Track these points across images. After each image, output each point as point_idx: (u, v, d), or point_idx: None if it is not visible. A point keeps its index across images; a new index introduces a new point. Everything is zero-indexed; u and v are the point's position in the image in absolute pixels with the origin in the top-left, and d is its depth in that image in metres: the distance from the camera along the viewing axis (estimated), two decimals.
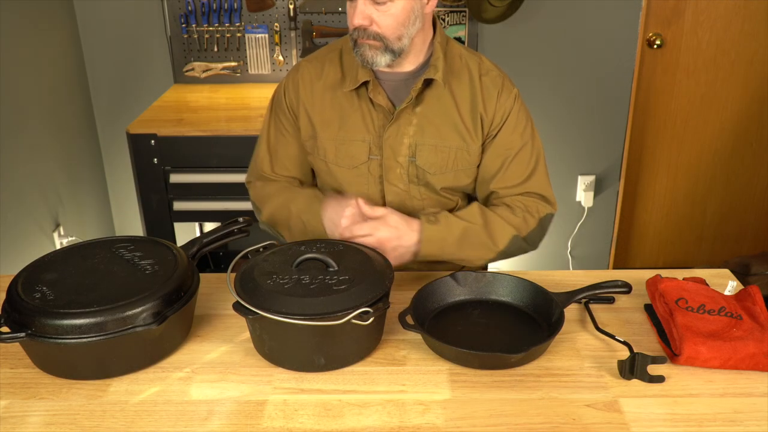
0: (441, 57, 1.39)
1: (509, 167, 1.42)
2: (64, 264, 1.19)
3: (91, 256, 1.21)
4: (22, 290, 1.11)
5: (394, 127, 1.39)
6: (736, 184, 3.03)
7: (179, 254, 1.20)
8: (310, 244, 1.22)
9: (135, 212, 2.81)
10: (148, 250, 1.21)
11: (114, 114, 2.80)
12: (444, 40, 1.43)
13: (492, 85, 1.42)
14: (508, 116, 1.42)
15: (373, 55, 1.33)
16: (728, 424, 0.99)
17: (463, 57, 1.44)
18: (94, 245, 1.25)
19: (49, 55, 2.52)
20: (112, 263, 1.18)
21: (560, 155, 2.87)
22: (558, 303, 1.19)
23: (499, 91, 1.41)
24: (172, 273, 1.14)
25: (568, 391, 1.06)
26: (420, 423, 1.00)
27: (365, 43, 1.33)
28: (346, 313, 1.04)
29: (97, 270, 1.17)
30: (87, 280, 1.14)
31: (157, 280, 1.13)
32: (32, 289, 1.11)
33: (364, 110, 1.41)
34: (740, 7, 2.74)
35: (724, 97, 2.88)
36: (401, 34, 1.33)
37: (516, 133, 1.42)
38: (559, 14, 2.70)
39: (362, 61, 1.35)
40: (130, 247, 1.23)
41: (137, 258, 1.19)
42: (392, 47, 1.33)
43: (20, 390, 1.07)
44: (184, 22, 2.64)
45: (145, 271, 1.16)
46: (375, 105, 1.40)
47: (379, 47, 1.33)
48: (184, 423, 1.00)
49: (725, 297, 1.22)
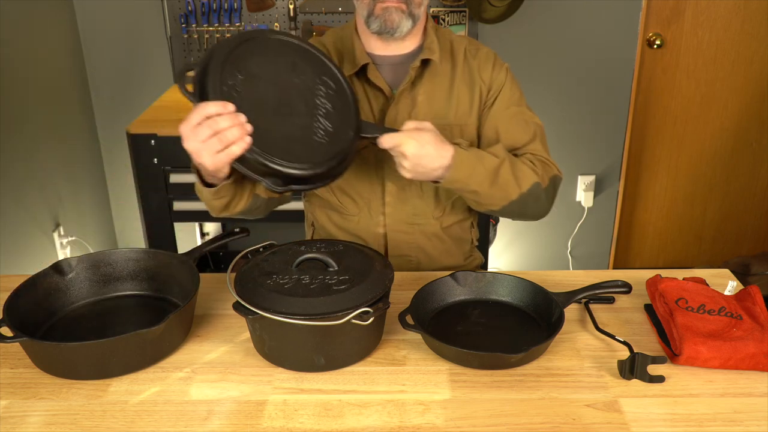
0: (435, 40, 1.43)
1: (508, 131, 1.43)
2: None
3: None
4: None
5: (394, 109, 1.41)
6: (736, 184, 3.03)
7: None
8: (310, 244, 1.22)
9: (135, 212, 2.81)
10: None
11: (114, 114, 2.81)
12: (434, 27, 1.47)
13: (485, 59, 1.46)
14: (503, 87, 1.45)
15: (399, 19, 1.34)
16: (728, 424, 0.99)
17: (454, 40, 1.48)
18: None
19: (49, 55, 2.52)
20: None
21: (560, 155, 2.85)
22: (558, 303, 1.19)
23: (492, 64, 1.46)
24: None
25: (568, 391, 1.06)
26: (420, 423, 1.00)
27: (392, 5, 1.33)
28: (346, 313, 1.04)
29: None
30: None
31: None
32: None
33: (363, 94, 1.43)
34: (740, 7, 2.74)
35: (724, 97, 2.88)
36: (423, 0, 1.37)
37: (512, 101, 1.45)
38: (559, 14, 2.70)
39: (383, 28, 1.35)
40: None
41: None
42: (414, 12, 1.35)
43: (20, 390, 1.07)
44: (184, 22, 2.64)
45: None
46: (374, 88, 1.42)
47: (404, 10, 1.34)
48: (184, 423, 1.00)
49: (725, 297, 1.22)
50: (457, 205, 1.52)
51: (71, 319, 1.22)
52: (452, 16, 2.66)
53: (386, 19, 1.34)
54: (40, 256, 2.40)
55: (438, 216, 1.50)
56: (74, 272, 1.25)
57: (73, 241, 2.57)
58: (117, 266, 1.28)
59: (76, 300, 1.25)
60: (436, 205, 1.49)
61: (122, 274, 1.28)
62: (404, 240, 1.50)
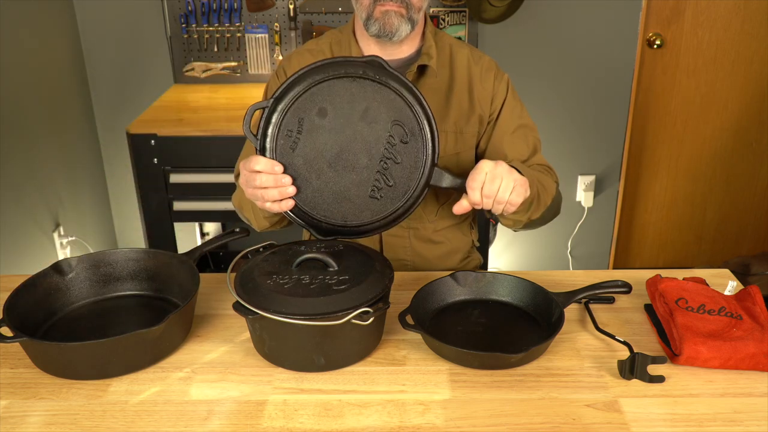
0: (433, 45, 1.43)
1: (513, 148, 1.43)
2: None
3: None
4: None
5: None
6: (736, 184, 3.03)
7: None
8: (310, 244, 1.22)
9: (135, 212, 2.81)
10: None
11: (114, 114, 2.80)
12: (434, 31, 1.46)
13: (487, 70, 1.45)
14: (505, 100, 1.45)
15: (398, 23, 1.33)
16: (728, 424, 0.99)
17: (454, 46, 1.47)
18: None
19: (49, 55, 2.52)
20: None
21: (560, 155, 2.87)
22: (558, 303, 1.19)
23: (494, 75, 1.45)
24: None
25: (568, 391, 1.06)
26: (420, 423, 1.00)
27: (392, 9, 1.33)
28: (346, 313, 1.04)
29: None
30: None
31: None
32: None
33: None
34: (740, 7, 2.74)
35: (724, 97, 2.88)
36: (422, 5, 1.36)
37: (515, 114, 1.45)
38: (559, 14, 2.70)
39: (381, 32, 1.34)
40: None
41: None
42: (413, 16, 1.35)
43: (20, 390, 1.07)
44: (184, 22, 2.64)
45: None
46: None
47: (404, 14, 1.33)
48: (184, 423, 1.00)
49: (725, 297, 1.22)
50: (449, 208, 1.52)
51: (71, 319, 1.22)
52: (452, 16, 2.65)
53: (385, 23, 1.33)
54: (40, 256, 2.40)
55: (432, 220, 1.50)
56: (74, 272, 1.25)
57: (73, 241, 2.57)
58: (117, 266, 1.28)
59: (76, 300, 1.25)
60: (430, 210, 1.49)
61: (122, 274, 1.28)
62: (399, 244, 1.50)
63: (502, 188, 1.16)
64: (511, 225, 1.37)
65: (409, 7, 1.34)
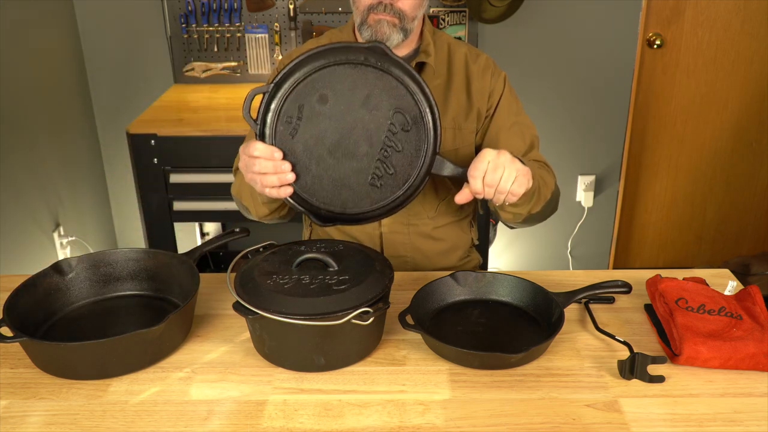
0: (431, 44, 1.43)
1: (509, 143, 1.43)
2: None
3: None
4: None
5: None
6: (736, 184, 3.03)
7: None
8: (310, 244, 1.22)
9: (135, 212, 2.81)
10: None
11: (114, 114, 2.81)
12: (432, 30, 1.47)
13: (484, 67, 1.46)
14: (502, 96, 1.46)
15: (390, 32, 1.34)
16: (728, 424, 0.99)
17: (452, 44, 1.48)
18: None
19: (49, 55, 2.52)
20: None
21: (560, 155, 2.87)
22: (558, 303, 1.19)
23: (492, 72, 1.46)
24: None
25: (568, 391, 1.06)
26: (420, 423, 1.00)
27: (384, 18, 1.33)
28: (346, 313, 1.04)
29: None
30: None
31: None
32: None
33: None
34: (740, 7, 2.74)
35: (724, 97, 2.88)
36: (416, 14, 1.36)
37: (511, 111, 1.46)
38: (559, 14, 2.70)
39: (372, 38, 1.34)
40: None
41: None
42: (406, 26, 1.35)
43: (20, 390, 1.07)
44: (184, 22, 2.64)
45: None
46: None
47: (396, 24, 1.34)
48: (184, 423, 1.00)
49: (725, 297, 1.22)
50: (449, 205, 1.52)
51: (71, 319, 1.22)
52: (452, 16, 2.66)
53: (377, 30, 1.34)
54: (40, 256, 2.40)
55: (432, 216, 1.51)
56: (74, 272, 1.25)
57: (73, 241, 2.57)
58: (117, 266, 1.28)
59: (76, 300, 1.25)
60: (430, 206, 1.50)
61: (122, 274, 1.28)
62: (400, 241, 1.51)
63: (504, 177, 1.15)
64: (511, 219, 1.37)
65: (403, 18, 1.34)
